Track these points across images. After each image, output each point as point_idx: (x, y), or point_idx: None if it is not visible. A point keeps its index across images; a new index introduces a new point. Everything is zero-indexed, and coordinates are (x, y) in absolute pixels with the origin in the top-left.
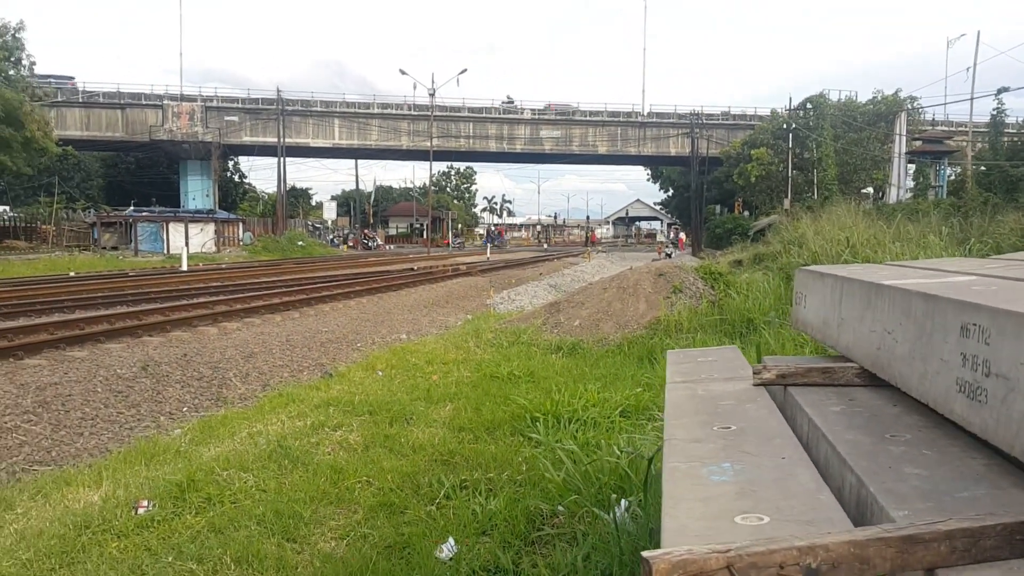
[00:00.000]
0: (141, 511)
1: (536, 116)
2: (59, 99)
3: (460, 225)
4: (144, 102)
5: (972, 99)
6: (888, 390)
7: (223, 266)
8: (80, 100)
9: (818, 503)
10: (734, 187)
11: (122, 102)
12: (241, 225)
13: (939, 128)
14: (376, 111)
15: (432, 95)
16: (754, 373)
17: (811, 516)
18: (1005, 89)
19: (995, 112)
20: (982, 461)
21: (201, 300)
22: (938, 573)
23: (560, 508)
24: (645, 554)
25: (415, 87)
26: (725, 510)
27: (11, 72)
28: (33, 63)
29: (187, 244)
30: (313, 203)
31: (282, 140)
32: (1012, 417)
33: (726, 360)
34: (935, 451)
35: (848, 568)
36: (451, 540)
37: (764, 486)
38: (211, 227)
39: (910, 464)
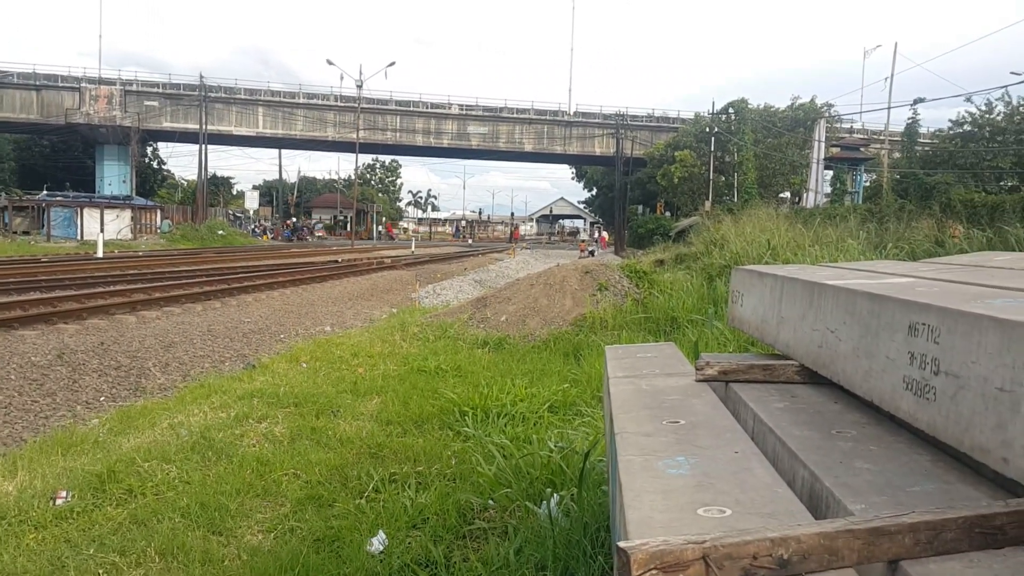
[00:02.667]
0: (60, 502)
1: (464, 112)
2: None
3: (384, 218)
4: (61, 84)
5: (889, 108)
6: (828, 387)
7: (140, 254)
8: None
9: (776, 496)
10: (657, 188)
11: (37, 83)
12: (159, 212)
13: (856, 135)
14: (302, 101)
15: (359, 87)
16: (697, 369)
17: (771, 509)
18: (921, 100)
19: (910, 120)
20: (928, 457)
21: (118, 288)
22: (902, 565)
23: (492, 502)
24: (622, 544)
25: (342, 78)
26: (686, 503)
27: None
28: None
29: (102, 230)
30: (235, 192)
31: (204, 127)
32: (962, 414)
33: (665, 356)
34: (882, 447)
35: (818, 559)
36: (381, 533)
37: (721, 479)
38: (128, 213)
39: (860, 459)
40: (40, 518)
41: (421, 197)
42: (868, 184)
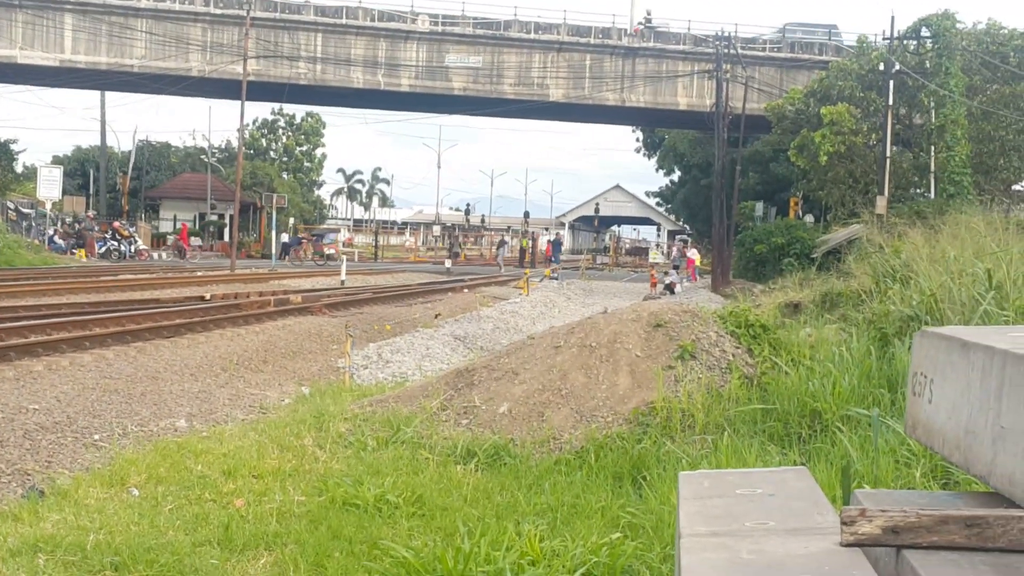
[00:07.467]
0: None
1: (440, 28)
2: None
3: (293, 219)
4: None
5: None
6: None
7: None
8: None
9: None
10: (789, 171)
11: None
12: None
13: None
14: (145, 5)
15: None
16: (843, 523)
17: None
18: None
19: None
20: None
21: None
22: None
23: None
24: None
25: None
26: None
27: None
28: None
29: None
30: (20, 168)
31: None
32: None
33: (788, 493)
34: None
35: None
36: None
37: None
38: None
39: None
40: None
41: (361, 181)
42: None
